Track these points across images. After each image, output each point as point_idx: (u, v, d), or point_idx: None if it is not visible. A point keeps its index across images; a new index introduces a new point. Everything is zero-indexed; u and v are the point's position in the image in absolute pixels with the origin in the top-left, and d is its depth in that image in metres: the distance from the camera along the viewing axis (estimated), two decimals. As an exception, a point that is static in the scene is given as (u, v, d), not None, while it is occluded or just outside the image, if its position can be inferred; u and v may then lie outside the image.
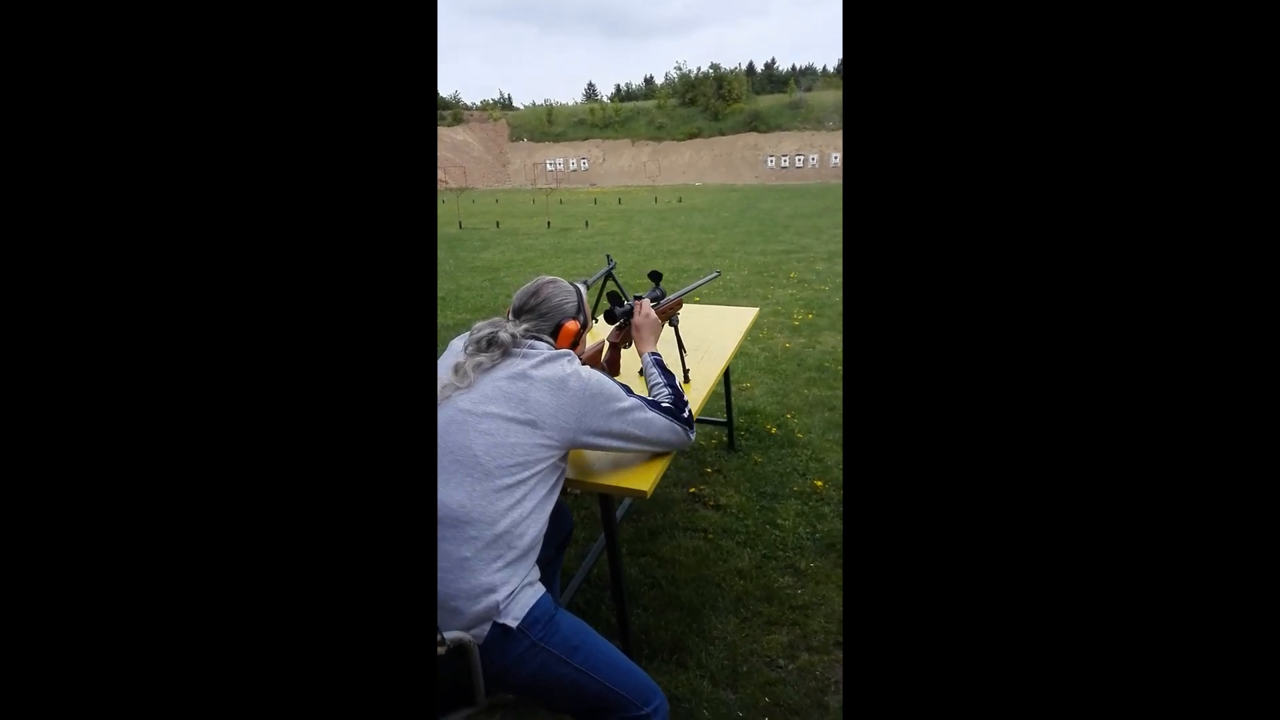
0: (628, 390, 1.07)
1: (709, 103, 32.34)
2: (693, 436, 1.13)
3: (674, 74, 35.62)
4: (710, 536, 1.90)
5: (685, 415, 1.11)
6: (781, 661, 1.44)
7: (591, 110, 36.03)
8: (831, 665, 1.42)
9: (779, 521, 1.96)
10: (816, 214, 11.74)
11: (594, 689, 0.93)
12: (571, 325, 1.12)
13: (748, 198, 17.34)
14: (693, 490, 2.16)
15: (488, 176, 31.16)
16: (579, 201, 18.05)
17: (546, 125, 34.99)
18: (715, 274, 1.96)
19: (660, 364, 1.22)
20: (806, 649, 1.47)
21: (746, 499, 2.09)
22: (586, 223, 11.65)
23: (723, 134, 31.53)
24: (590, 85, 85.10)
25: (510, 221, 12.51)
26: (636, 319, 1.33)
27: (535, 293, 1.13)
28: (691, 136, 31.83)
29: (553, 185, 26.08)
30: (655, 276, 1.50)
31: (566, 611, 0.98)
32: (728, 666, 1.43)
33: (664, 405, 1.09)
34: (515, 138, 34.69)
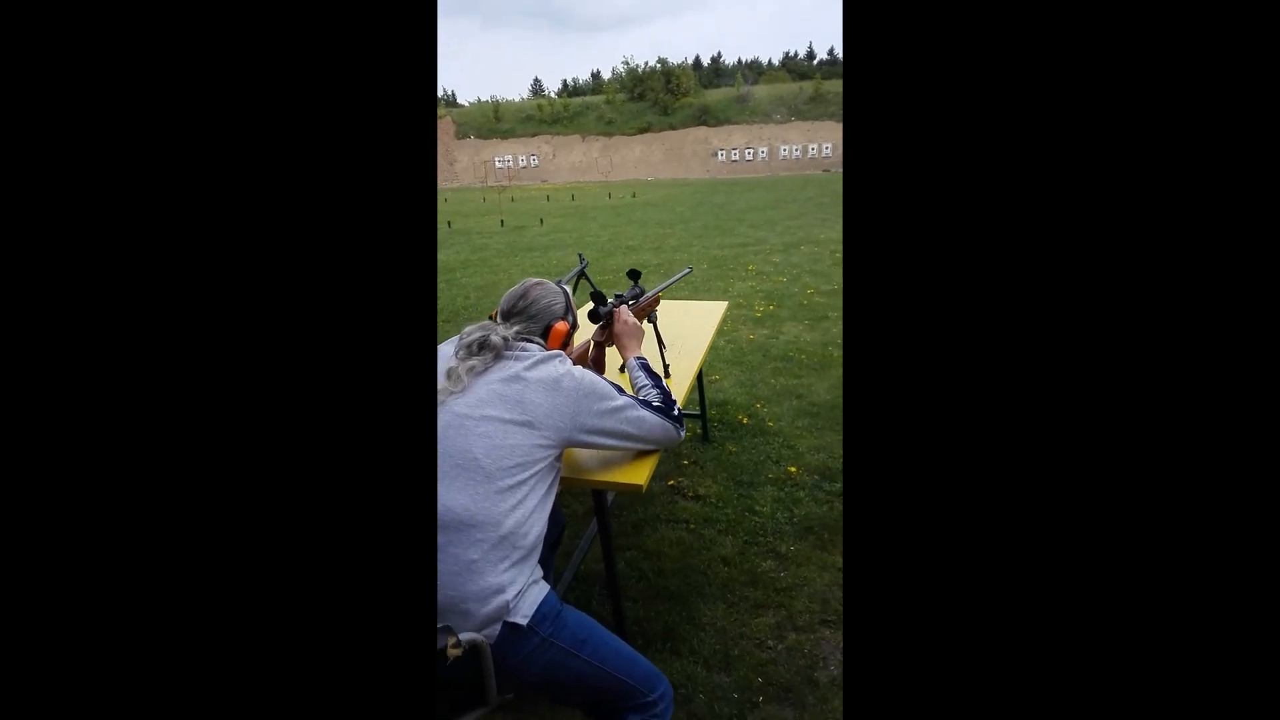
0: (619, 389, 1.09)
1: (658, 97, 32.42)
2: (683, 434, 1.16)
3: (621, 69, 35.57)
4: (692, 527, 1.95)
5: (675, 413, 1.14)
6: (770, 642, 1.49)
7: (539, 106, 35.61)
8: (818, 643, 1.48)
9: (757, 508, 2.01)
10: (769, 206, 11.96)
11: (603, 680, 0.95)
12: (561, 326, 1.14)
13: (700, 192, 17.49)
14: (671, 483, 2.20)
15: (436, 175, 30.41)
16: (531, 199, 17.86)
17: (494, 122, 34.41)
18: (688, 270, 2.00)
19: (646, 367, 1.24)
20: (793, 629, 1.53)
21: (724, 488, 2.14)
22: (541, 220, 11.55)
23: (673, 128, 31.66)
24: (536, 80, 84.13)
25: (462, 221, 12.28)
26: (617, 327, 1.35)
27: (523, 295, 1.14)
28: (642, 131, 31.86)
29: (504, 183, 25.69)
30: (634, 275, 1.53)
31: (571, 606, 1.00)
32: (720, 651, 1.47)
33: (655, 404, 1.12)
34: (461, 135, 33.98)
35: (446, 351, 1.10)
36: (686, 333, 1.95)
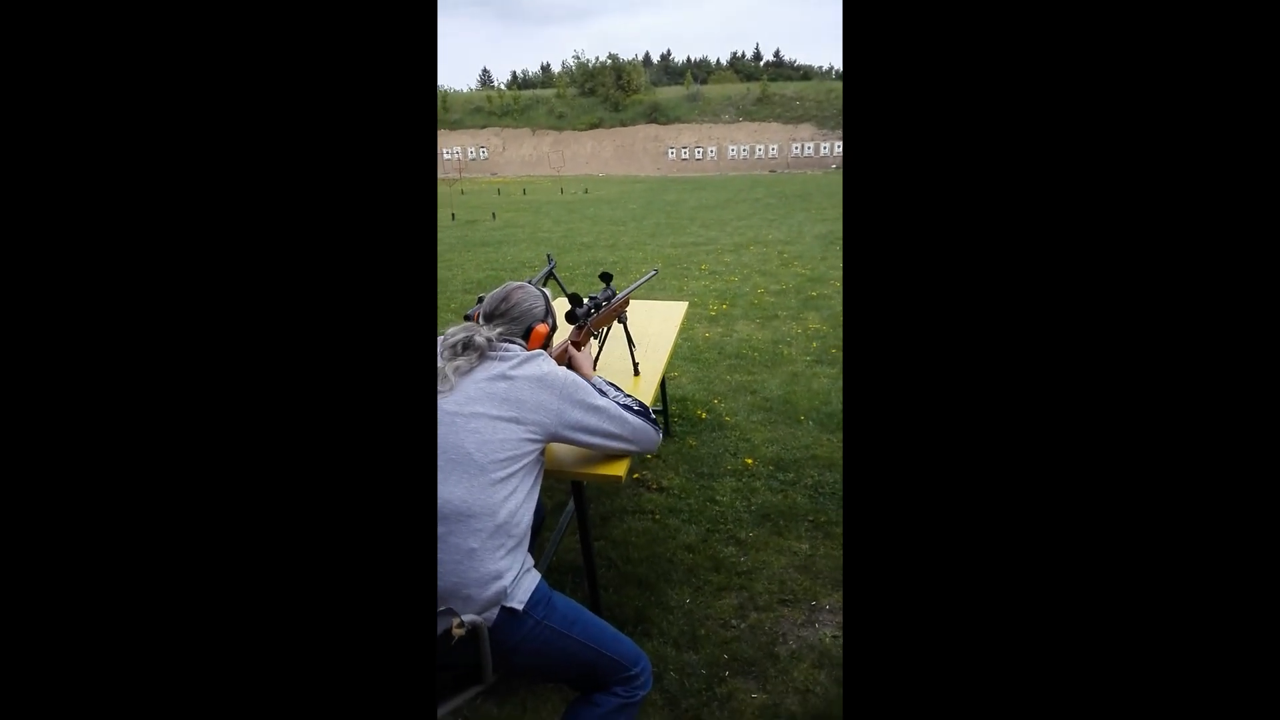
0: (601, 391, 1.16)
1: (609, 93, 32.37)
2: (660, 435, 1.23)
3: (572, 63, 35.29)
4: (657, 517, 2.04)
5: (651, 417, 1.22)
6: (734, 622, 1.60)
7: (489, 98, 34.97)
8: (778, 621, 1.60)
9: (717, 498, 2.13)
10: (719, 206, 12.19)
11: (591, 657, 1.03)
12: (541, 329, 1.20)
13: (652, 189, 17.62)
14: (636, 475, 2.29)
15: (379, 165, 29.37)
16: (481, 192, 17.58)
17: (442, 112, 33.55)
18: (654, 272, 2.09)
19: (609, 385, 1.24)
20: (754, 609, 1.64)
21: (686, 480, 2.25)
22: (494, 214, 11.41)
23: (624, 125, 31.69)
24: (485, 71, 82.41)
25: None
26: (570, 356, 1.36)
27: (505, 298, 1.20)
28: (593, 126, 31.75)
29: (455, 175, 25.13)
30: (606, 278, 1.60)
31: (558, 592, 1.07)
32: (687, 631, 1.57)
33: (634, 408, 1.20)
34: (407, 124, 32.89)
35: (433, 352, 1.15)
36: (651, 332, 2.04)
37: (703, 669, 1.46)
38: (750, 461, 2.36)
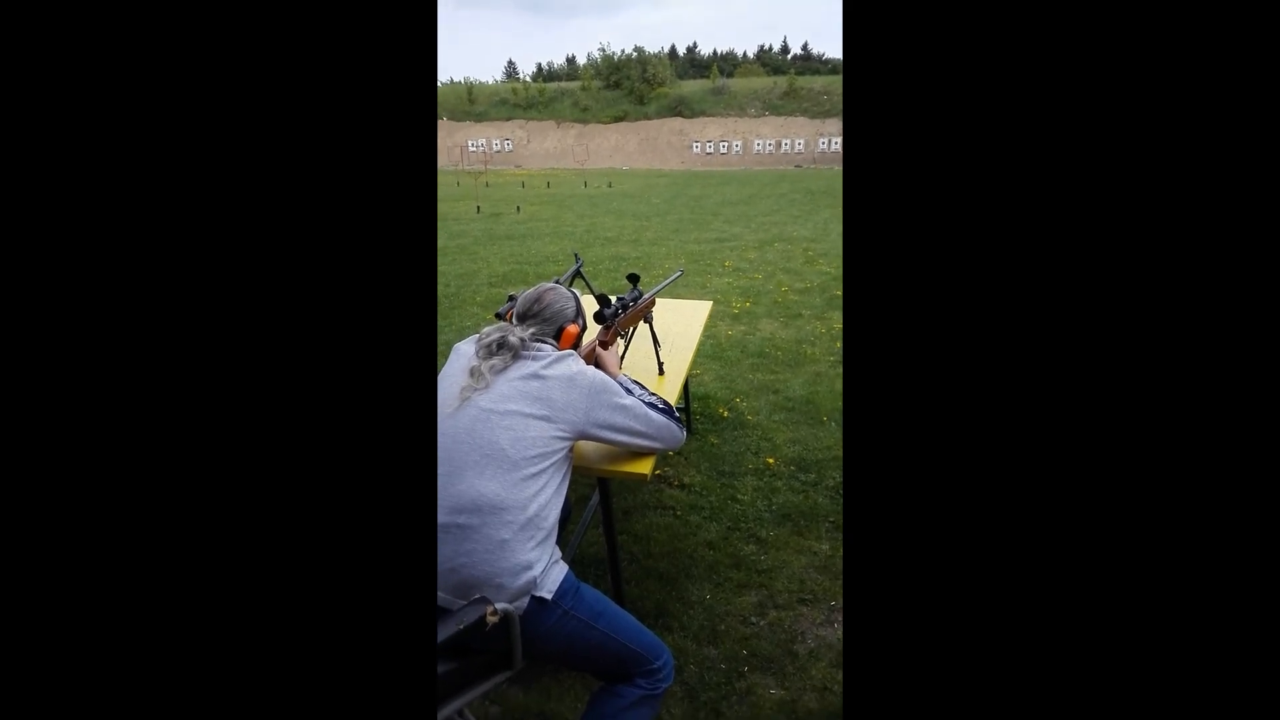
0: (628, 389, 1.20)
1: (634, 86, 32.28)
2: (684, 435, 1.26)
3: (597, 55, 35.22)
4: (678, 513, 2.07)
5: (676, 415, 1.25)
6: (754, 619, 1.63)
7: (514, 90, 35.09)
8: (797, 619, 1.62)
9: (739, 497, 2.15)
10: (743, 201, 12.12)
11: (616, 649, 1.07)
12: (572, 329, 1.24)
13: (676, 184, 17.58)
14: (658, 472, 2.32)
15: (406, 157, 29.68)
16: (505, 184, 17.69)
17: (467, 104, 33.80)
18: (680, 272, 2.11)
19: (636, 384, 1.28)
20: (774, 607, 1.67)
21: (707, 478, 2.28)
22: (518, 208, 11.49)
23: (648, 118, 31.59)
24: (510, 63, 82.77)
25: (438, 206, 12.10)
26: (597, 355, 1.40)
27: (538, 299, 1.24)
28: (617, 120, 31.70)
29: (480, 167, 25.32)
30: (633, 279, 1.63)
31: (585, 584, 1.11)
32: (707, 626, 1.60)
33: (659, 406, 1.23)
34: (434, 116, 33.21)
35: (468, 350, 1.19)
36: (675, 331, 2.07)
37: (722, 664, 1.49)
38: (772, 461, 2.37)
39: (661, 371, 1.72)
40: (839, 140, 27.50)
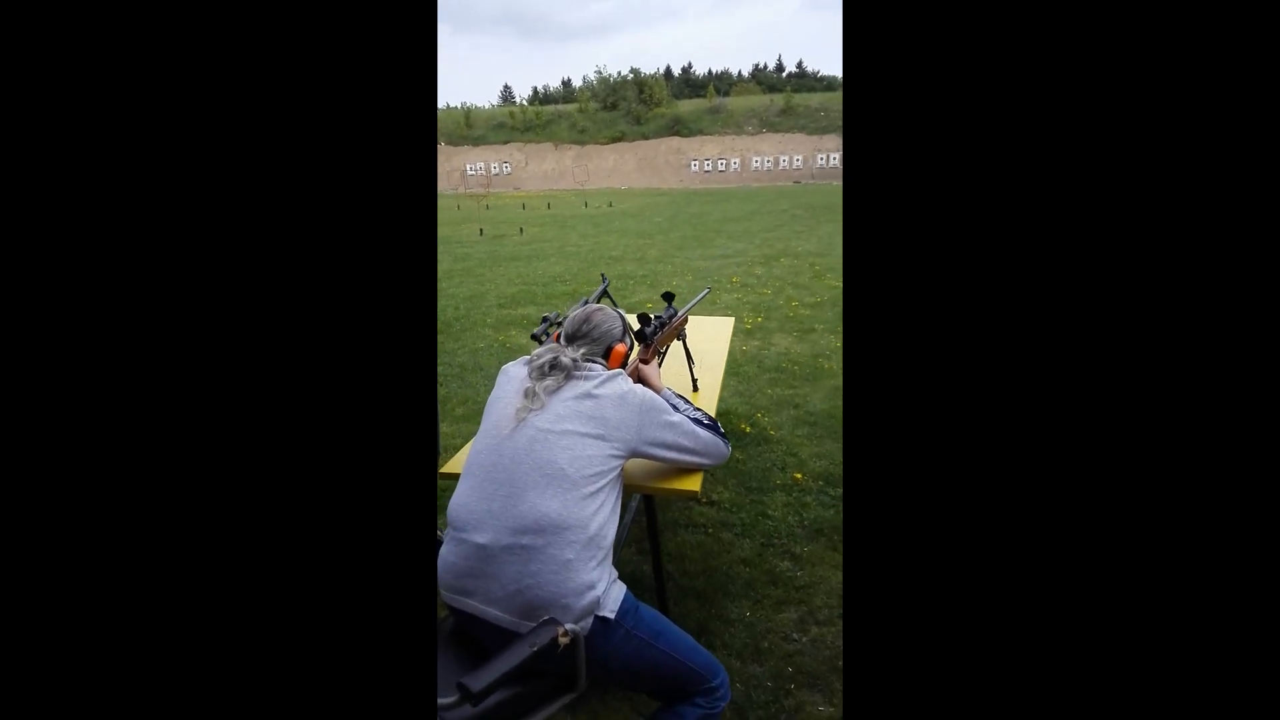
0: (674, 406, 1.21)
1: (631, 107, 32.71)
2: (729, 449, 1.27)
3: (593, 77, 35.79)
4: (710, 531, 2.07)
5: (720, 430, 1.26)
6: (796, 635, 1.62)
7: (511, 113, 35.56)
8: (839, 636, 1.61)
9: (769, 513, 2.15)
10: (745, 218, 12.22)
11: (675, 668, 1.06)
12: (620, 347, 1.25)
13: (676, 202, 17.73)
14: (686, 489, 2.33)
15: (406, 181, 29.98)
16: (506, 207, 17.86)
17: (465, 128, 34.22)
18: (707, 290, 2.13)
19: (681, 398, 1.31)
20: (815, 623, 1.66)
21: (736, 494, 2.27)
22: (521, 229, 11.59)
23: (645, 138, 31.96)
24: (506, 87, 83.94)
25: (440, 229, 12.24)
26: (640, 372, 1.42)
27: (587, 320, 1.25)
28: (615, 140, 32.08)
29: (481, 190, 25.57)
30: (668, 297, 1.65)
31: (642, 603, 1.11)
32: (750, 644, 1.59)
33: (705, 422, 1.24)
34: (434, 141, 33.60)
35: (519, 372, 1.20)
36: (702, 348, 2.08)
37: (768, 681, 1.48)
38: (799, 476, 2.37)
39: (696, 388, 1.73)
40: (837, 156, 27.84)
